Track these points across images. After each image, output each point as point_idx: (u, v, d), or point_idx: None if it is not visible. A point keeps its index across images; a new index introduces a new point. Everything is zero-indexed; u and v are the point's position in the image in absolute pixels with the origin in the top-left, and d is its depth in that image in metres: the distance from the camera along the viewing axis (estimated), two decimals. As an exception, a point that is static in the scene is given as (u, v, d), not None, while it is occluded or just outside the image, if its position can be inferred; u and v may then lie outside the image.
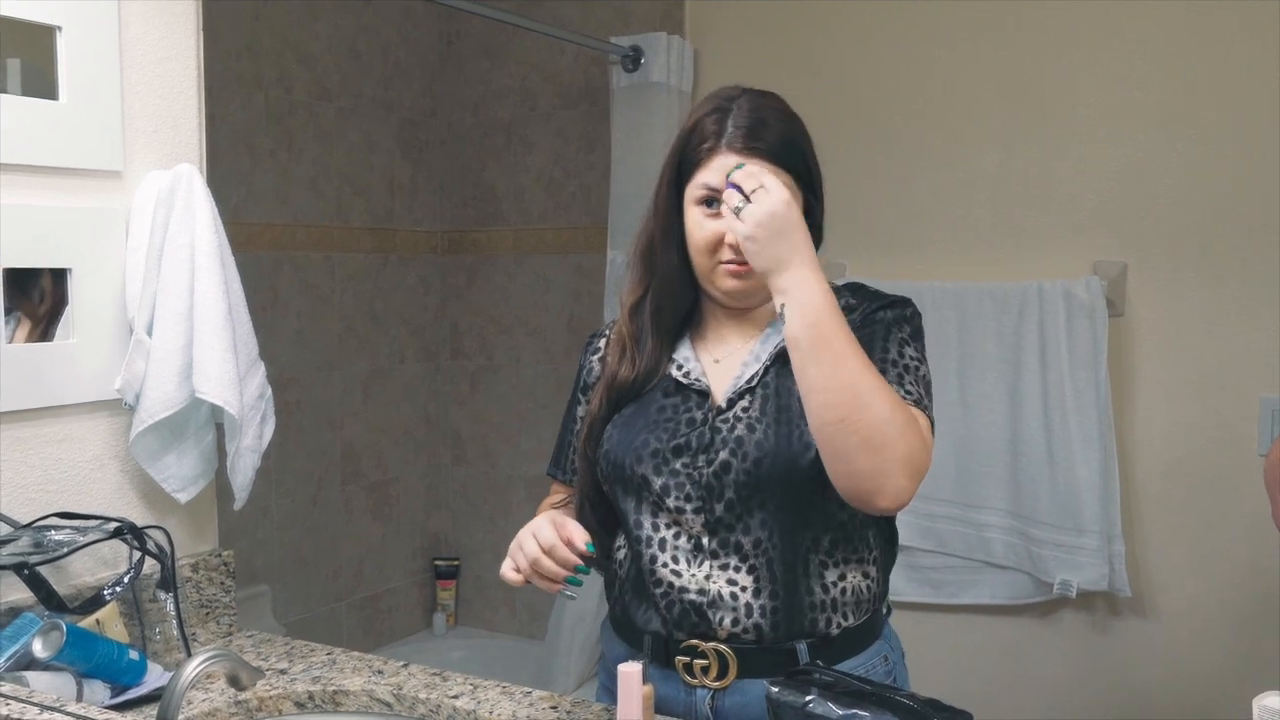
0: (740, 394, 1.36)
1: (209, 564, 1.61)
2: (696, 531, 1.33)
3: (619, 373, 1.42)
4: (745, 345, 1.41)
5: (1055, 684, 2.52)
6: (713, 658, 1.32)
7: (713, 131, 1.35)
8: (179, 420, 1.50)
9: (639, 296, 1.44)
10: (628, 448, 1.37)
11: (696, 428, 1.35)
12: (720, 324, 1.44)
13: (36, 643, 1.26)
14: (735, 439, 1.32)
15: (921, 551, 2.60)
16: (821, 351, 1.21)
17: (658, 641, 1.36)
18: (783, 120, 1.38)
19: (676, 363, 1.41)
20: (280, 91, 2.88)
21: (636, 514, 1.37)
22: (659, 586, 1.35)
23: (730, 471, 1.31)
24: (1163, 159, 2.36)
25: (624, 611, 1.41)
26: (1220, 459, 2.34)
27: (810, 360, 1.22)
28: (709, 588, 1.32)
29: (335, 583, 3.11)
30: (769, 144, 1.34)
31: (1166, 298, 2.38)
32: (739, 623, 1.32)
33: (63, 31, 1.43)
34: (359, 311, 3.13)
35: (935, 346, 2.54)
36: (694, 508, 1.33)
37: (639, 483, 1.36)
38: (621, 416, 1.41)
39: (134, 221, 1.50)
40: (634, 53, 2.76)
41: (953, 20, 2.55)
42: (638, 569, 1.38)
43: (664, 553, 1.35)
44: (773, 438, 1.31)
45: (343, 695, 1.40)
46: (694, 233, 1.37)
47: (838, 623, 1.34)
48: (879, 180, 2.65)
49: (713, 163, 1.34)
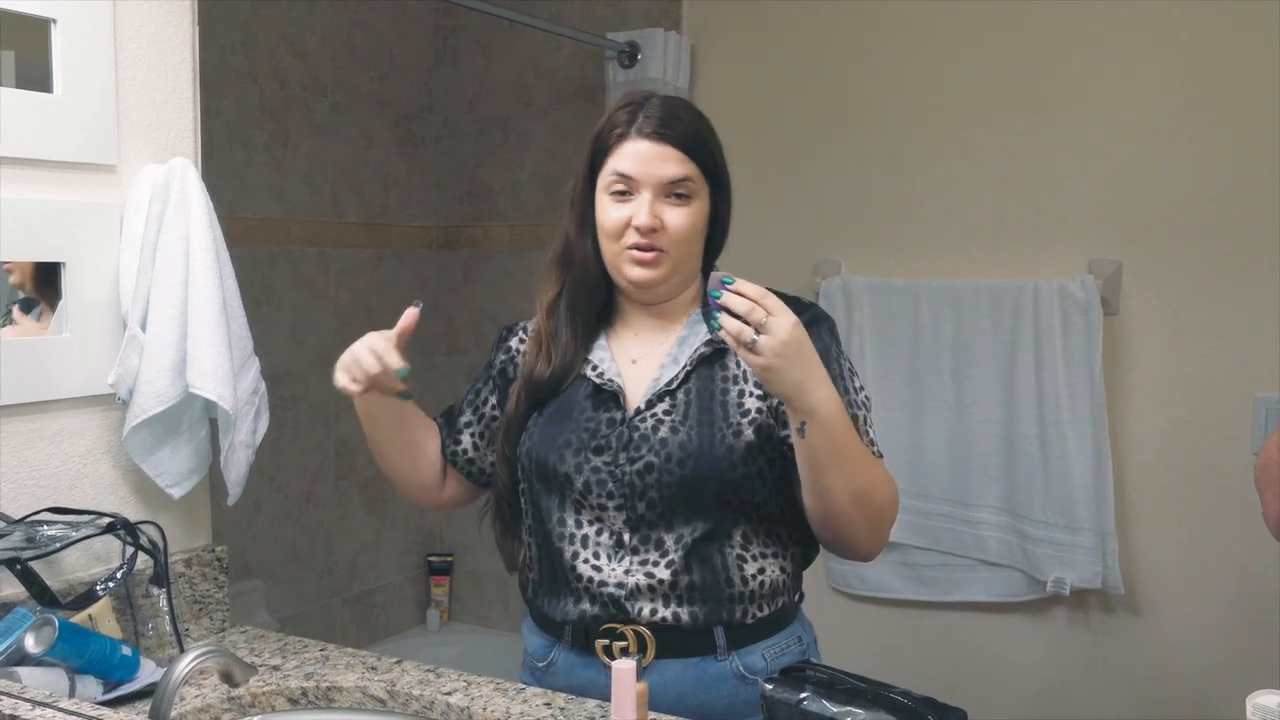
0: (660, 395, 1.39)
1: (202, 559, 1.61)
2: (618, 528, 1.36)
3: (535, 369, 1.45)
4: (662, 346, 1.44)
5: (1049, 682, 2.53)
6: (631, 638, 1.36)
7: (624, 120, 1.39)
8: (173, 415, 1.50)
9: (555, 295, 1.47)
10: (550, 446, 1.40)
11: (616, 427, 1.38)
12: (636, 320, 1.47)
13: (29, 638, 1.25)
14: (659, 440, 1.35)
15: (915, 549, 2.60)
16: (840, 460, 1.28)
17: (577, 630, 1.40)
18: (693, 117, 1.42)
19: (592, 364, 1.44)
20: (275, 86, 2.88)
21: (560, 511, 1.40)
22: (579, 581, 1.38)
23: (654, 471, 1.35)
24: (1159, 158, 2.36)
25: (540, 610, 1.44)
26: (1214, 457, 2.34)
27: (829, 468, 1.28)
28: (628, 581, 1.36)
29: (329, 578, 3.11)
30: (678, 134, 1.37)
31: (1161, 296, 2.38)
32: (657, 612, 1.35)
33: (57, 24, 1.43)
34: (354, 307, 3.13)
35: (930, 344, 2.56)
36: (615, 505, 1.36)
37: (561, 480, 1.38)
38: (543, 415, 1.43)
39: (128, 215, 1.50)
40: (630, 49, 2.76)
41: (950, 19, 2.55)
42: (553, 566, 1.41)
43: (585, 549, 1.38)
44: (696, 439, 1.35)
45: (336, 691, 1.40)
46: (602, 219, 1.40)
47: (753, 613, 1.38)
48: (875, 177, 2.65)
49: (623, 149, 1.38)
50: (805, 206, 2.73)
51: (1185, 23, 2.32)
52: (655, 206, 1.36)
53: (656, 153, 1.36)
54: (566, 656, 1.41)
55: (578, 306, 1.45)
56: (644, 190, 1.36)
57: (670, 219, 1.36)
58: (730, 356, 1.40)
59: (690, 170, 1.37)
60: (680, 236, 1.37)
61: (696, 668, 1.37)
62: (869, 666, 1.44)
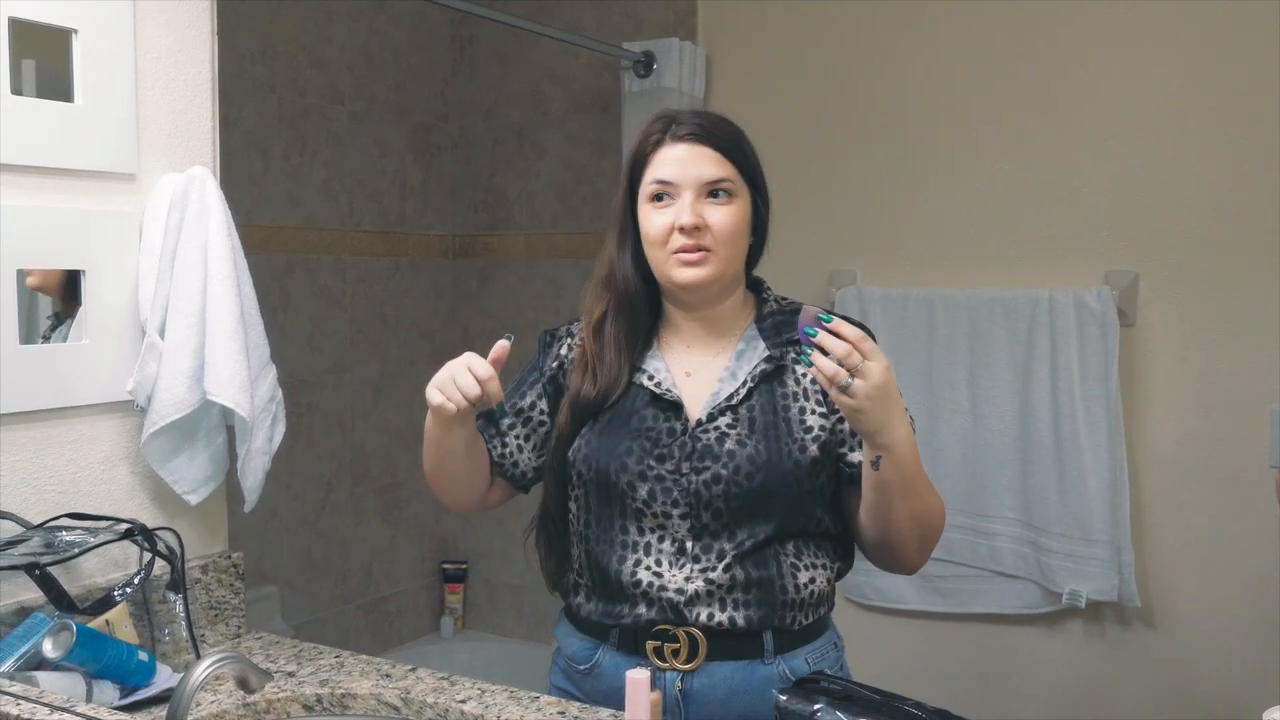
0: (721, 409, 1.40)
1: (218, 566, 1.62)
2: (681, 536, 1.37)
3: (581, 390, 1.45)
4: (717, 359, 1.45)
5: (1063, 695, 2.51)
6: (684, 640, 1.37)
7: (659, 130, 1.41)
8: (190, 422, 1.51)
9: (600, 314, 1.48)
10: (610, 455, 1.40)
11: (678, 438, 1.39)
12: (687, 332, 1.47)
13: (46, 643, 1.26)
14: (725, 452, 1.36)
15: (930, 560, 2.59)
16: (907, 491, 1.32)
17: (626, 632, 1.40)
18: (727, 123, 1.43)
19: (647, 373, 1.44)
20: (294, 95, 2.89)
21: (621, 519, 1.40)
22: (637, 587, 1.38)
23: (721, 483, 1.36)
24: (1176, 169, 2.36)
25: (590, 614, 1.44)
26: (1231, 469, 2.33)
27: (896, 499, 1.32)
28: (688, 588, 1.36)
29: (344, 585, 3.12)
30: (715, 137, 1.39)
31: (1178, 308, 2.37)
32: (714, 616, 1.36)
33: (78, 34, 1.44)
34: (370, 315, 3.14)
35: (945, 355, 2.55)
36: (680, 514, 1.37)
37: (622, 490, 1.39)
38: (598, 424, 1.43)
39: (147, 224, 1.51)
40: (646, 58, 2.76)
41: (967, 28, 2.54)
42: (605, 574, 1.40)
43: (648, 556, 1.38)
44: (765, 453, 1.36)
45: (350, 698, 1.41)
46: (646, 227, 1.41)
47: (800, 620, 1.40)
48: (891, 187, 2.65)
49: (659, 156, 1.39)
50: (820, 217, 2.73)
51: (1205, 33, 2.31)
52: (697, 206, 1.37)
53: (694, 155, 1.38)
54: (613, 658, 1.41)
55: (621, 325, 1.46)
56: (684, 192, 1.37)
57: (713, 217, 1.37)
58: (790, 374, 1.41)
59: (728, 171, 1.38)
60: (724, 234, 1.37)
61: (745, 670, 1.38)
62: (883, 678, 1.44)
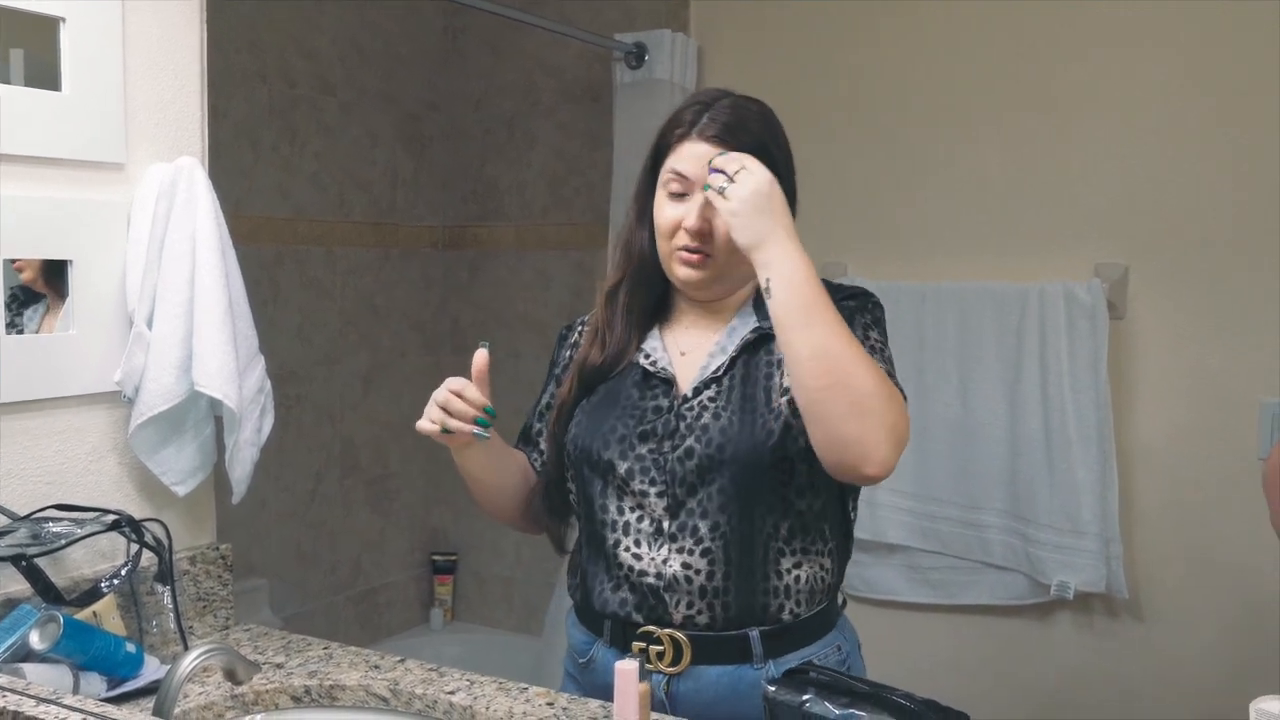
0: (706, 383, 1.39)
1: (207, 557, 1.61)
2: (658, 514, 1.37)
3: (589, 356, 1.46)
4: (711, 338, 1.44)
5: (1052, 685, 2.52)
6: (668, 644, 1.36)
7: (689, 121, 1.38)
8: (178, 413, 1.50)
9: (615, 282, 1.48)
10: (595, 433, 1.41)
11: (662, 415, 1.39)
12: (689, 317, 1.47)
13: (33, 634, 1.26)
14: (701, 426, 1.36)
15: (920, 552, 2.60)
16: (808, 318, 1.24)
17: (616, 626, 1.40)
18: (761, 126, 1.40)
19: (645, 352, 1.45)
20: (283, 85, 2.88)
21: (602, 498, 1.40)
22: (620, 569, 1.38)
23: (694, 457, 1.35)
24: (1166, 163, 2.36)
25: (585, 596, 1.44)
26: (1220, 462, 2.34)
27: (797, 327, 1.25)
28: (665, 571, 1.35)
29: (333, 577, 3.11)
30: (741, 143, 1.35)
31: (1168, 301, 2.38)
32: (693, 605, 1.35)
33: (66, 23, 1.43)
34: (360, 306, 3.13)
35: (935, 347, 2.55)
36: (657, 491, 1.36)
37: (605, 466, 1.39)
38: (590, 403, 1.44)
39: (135, 214, 1.50)
40: (638, 49, 2.76)
41: (958, 21, 2.55)
42: (599, 552, 1.41)
43: (627, 536, 1.38)
44: (736, 423, 1.34)
45: (339, 690, 1.40)
46: (658, 216, 1.41)
47: (790, 609, 1.36)
48: (881, 180, 2.65)
49: (682, 149, 1.37)
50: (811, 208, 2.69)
51: (1196, 27, 2.32)
52: (706, 210, 1.35)
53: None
54: (605, 654, 1.41)
55: (633, 297, 1.46)
56: (698, 192, 1.35)
57: (719, 225, 1.35)
58: (774, 341, 1.34)
59: None
60: (727, 242, 1.34)
61: (732, 675, 1.36)
62: (872, 669, 1.45)
